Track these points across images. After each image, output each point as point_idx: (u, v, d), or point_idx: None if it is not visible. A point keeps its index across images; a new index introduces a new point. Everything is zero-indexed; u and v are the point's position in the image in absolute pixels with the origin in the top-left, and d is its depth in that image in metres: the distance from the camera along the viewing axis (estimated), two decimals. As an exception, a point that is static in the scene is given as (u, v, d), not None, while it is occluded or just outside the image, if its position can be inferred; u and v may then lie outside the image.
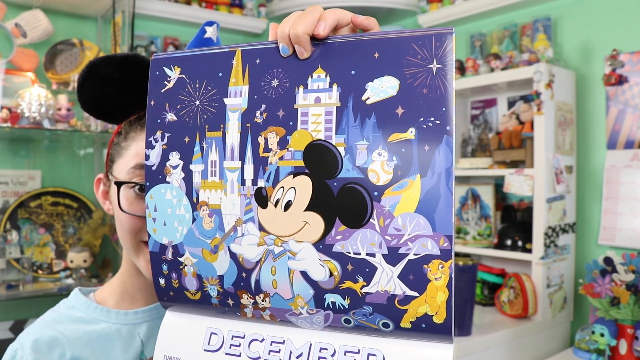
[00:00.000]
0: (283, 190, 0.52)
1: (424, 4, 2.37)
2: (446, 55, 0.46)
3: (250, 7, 2.47)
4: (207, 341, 0.58)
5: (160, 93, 0.59)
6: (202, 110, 0.56)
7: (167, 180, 0.58)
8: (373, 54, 0.49)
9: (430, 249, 0.47)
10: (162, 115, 0.58)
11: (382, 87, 0.48)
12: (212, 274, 0.56)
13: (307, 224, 0.51)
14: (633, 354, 1.55)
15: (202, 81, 0.56)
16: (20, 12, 1.96)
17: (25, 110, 1.83)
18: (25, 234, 1.97)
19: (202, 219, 0.56)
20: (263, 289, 0.54)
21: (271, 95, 0.53)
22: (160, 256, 0.59)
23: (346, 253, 0.50)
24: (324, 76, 0.51)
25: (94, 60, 0.71)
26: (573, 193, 1.93)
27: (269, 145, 0.53)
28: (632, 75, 1.81)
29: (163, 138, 0.58)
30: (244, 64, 0.54)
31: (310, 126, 0.51)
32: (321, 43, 0.52)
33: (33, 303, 1.96)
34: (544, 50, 1.86)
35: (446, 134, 0.46)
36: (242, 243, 0.54)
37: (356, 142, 0.49)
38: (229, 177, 0.54)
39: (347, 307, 0.51)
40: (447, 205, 0.46)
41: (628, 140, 1.82)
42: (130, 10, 1.95)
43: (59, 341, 0.72)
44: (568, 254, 1.91)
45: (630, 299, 1.55)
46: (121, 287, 0.80)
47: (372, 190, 0.48)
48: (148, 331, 0.76)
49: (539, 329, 1.81)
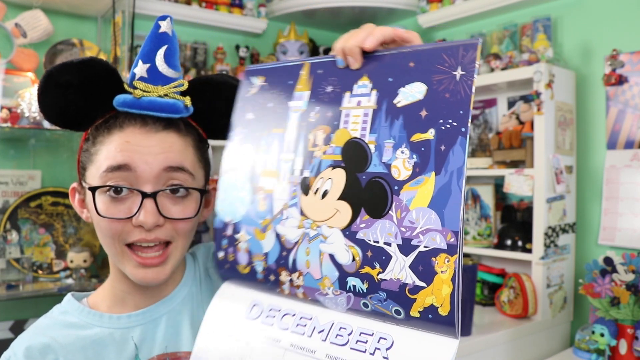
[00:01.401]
0: (322, 181, 0.59)
1: (424, 4, 2.37)
2: (470, 63, 0.50)
3: (250, 7, 2.47)
4: (249, 310, 0.65)
5: (245, 97, 0.70)
6: (272, 111, 0.66)
7: (235, 168, 0.69)
8: (408, 64, 0.55)
9: (438, 243, 0.50)
10: (244, 114, 0.69)
11: (412, 91, 0.53)
12: (259, 251, 0.64)
13: (338, 212, 0.57)
14: (633, 354, 1.55)
15: (277, 87, 0.66)
16: (20, 12, 1.96)
17: (26, 110, 1.83)
18: (25, 234, 1.97)
19: (258, 202, 0.65)
20: (298, 268, 0.60)
21: (324, 99, 0.61)
22: (222, 232, 0.69)
23: (367, 240, 0.55)
24: (367, 83, 0.58)
25: (51, 69, 0.68)
26: (573, 193, 1.93)
27: (316, 141, 0.60)
28: (632, 75, 1.81)
29: (240, 133, 0.69)
30: (309, 74, 0.63)
31: (350, 125, 0.58)
32: (370, 56, 0.58)
33: (33, 303, 1.96)
34: (544, 50, 1.86)
35: (461, 135, 0.50)
36: (286, 225, 0.62)
37: (384, 141, 0.54)
38: (283, 167, 0.63)
39: (365, 291, 0.55)
40: (456, 203, 0.49)
41: (628, 140, 1.82)
42: (130, 10, 1.95)
43: (51, 347, 0.72)
44: (568, 254, 1.91)
45: (630, 299, 1.55)
46: (112, 292, 0.79)
47: (393, 185, 0.53)
48: (141, 335, 0.75)
49: (539, 329, 1.81)
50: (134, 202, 0.69)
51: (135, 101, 0.70)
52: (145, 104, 0.70)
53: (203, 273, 0.84)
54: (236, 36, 2.54)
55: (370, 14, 2.55)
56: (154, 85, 0.71)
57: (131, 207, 0.69)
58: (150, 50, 0.71)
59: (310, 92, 0.63)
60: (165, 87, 0.71)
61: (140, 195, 0.68)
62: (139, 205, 0.68)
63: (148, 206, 0.68)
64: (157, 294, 0.79)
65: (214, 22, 2.38)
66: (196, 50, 2.42)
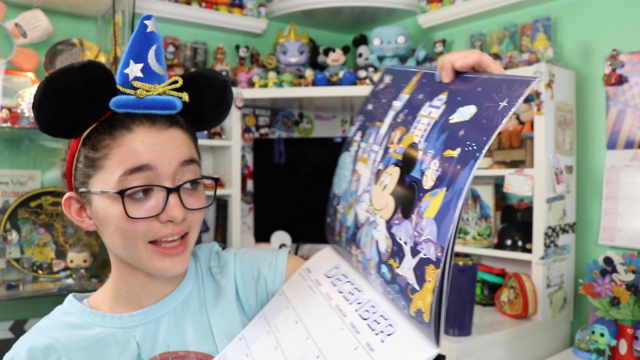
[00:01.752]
0: (386, 175, 0.65)
1: (423, 4, 2.37)
2: (515, 97, 0.52)
3: (250, 7, 2.47)
4: (330, 270, 0.77)
5: (375, 90, 0.79)
6: (381, 106, 0.74)
7: (349, 149, 0.79)
8: (477, 88, 0.58)
9: (431, 254, 0.54)
10: (367, 104, 0.78)
11: (465, 112, 0.57)
12: (345, 224, 0.75)
13: (387, 205, 0.63)
14: (633, 354, 1.55)
15: (393, 87, 0.74)
16: (20, 12, 1.96)
17: (25, 110, 1.83)
18: (25, 234, 1.97)
19: (352, 182, 0.75)
20: (360, 246, 0.69)
21: (413, 104, 0.67)
22: (331, 201, 0.82)
23: (395, 235, 0.60)
24: (444, 97, 0.62)
25: (52, 75, 0.67)
26: (573, 193, 1.93)
27: (394, 139, 0.67)
28: (632, 75, 1.81)
29: (360, 120, 0.79)
30: (417, 81, 0.69)
31: (415, 131, 0.63)
32: (460, 76, 0.63)
33: (33, 303, 1.96)
34: (544, 50, 1.86)
35: (474, 159, 0.52)
36: (360, 207, 0.70)
37: (428, 150, 0.59)
38: (371, 157, 0.71)
39: (389, 280, 0.61)
40: (449, 221, 0.52)
41: (628, 140, 1.82)
42: (130, 10, 1.95)
43: (54, 348, 0.72)
44: (568, 254, 1.91)
45: (630, 299, 1.55)
46: (114, 293, 0.79)
47: (420, 191, 0.58)
48: (143, 334, 0.76)
49: (539, 329, 1.81)
50: (157, 199, 0.70)
51: (139, 101, 0.70)
52: (149, 103, 0.71)
53: (205, 272, 0.84)
54: (236, 36, 2.54)
55: (370, 14, 2.55)
56: (150, 84, 0.71)
57: (156, 205, 0.70)
58: (141, 49, 0.71)
59: (409, 96, 0.69)
60: (161, 85, 0.72)
61: (165, 192, 0.70)
62: (165, 201, 0.70)
63: (173, 201, 0.70)
64: (161, 293, 0.79)
65: (214, 22, 2.38)
66: (196, 50, 2.42)
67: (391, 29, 2.34)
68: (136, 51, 0.71)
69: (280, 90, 2.29)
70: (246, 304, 0.83)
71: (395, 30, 2.33)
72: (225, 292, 0.82)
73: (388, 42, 2.33)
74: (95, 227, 0.75)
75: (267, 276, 0.85)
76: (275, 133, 2.70)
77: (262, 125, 2.66)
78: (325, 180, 2.84)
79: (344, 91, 2.27)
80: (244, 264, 0.86)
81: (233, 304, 0.81)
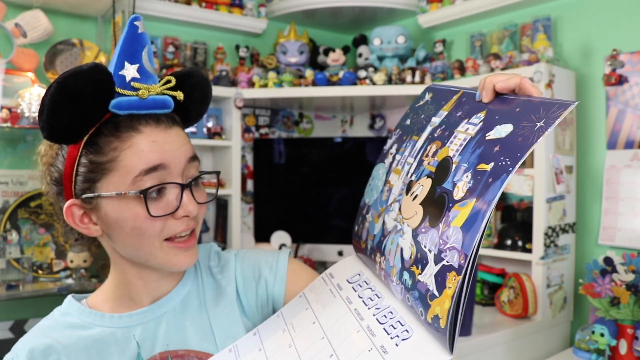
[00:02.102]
0: (418, 186, 0.67)
1: (423, 4, 2.37)
2: (553, 119, 0.54)
3: (250, 7, 2.46)
4: (352, 276, 0.79)
5: (414, 106, 0.81)
6: (419, 122, 0.76)
7: (384, 161, 0.82)
8: (516, 109, 0.60)
9: (454, 261, 0.55)
10: (406, 119, 0.81)
11: (501, 129, 0.59)
12: (372, 232, 0.77)
13: (416, 214, 0.65)
14: (633, 354, 1.55)
15: (433, 104, 0.76)
16: (20, 12, 1.96)
17: (25, 110, 1.83)
18: (25, 234, 1.97)
19: (384, 192, 0.77)
20: (385, 253, 0.71)
21: (451, 121, 0.69)
22: (361, 210, 0.84)
23: (421, 243, 0.62)
24: (482, 116, 0.64)
25: (62, 79, 0.65)
26: (573, 193, 1.93)
27: (429, 152, 0.69)
28: (632, 75, 1.81)
29: (397, 133, 0.81)
30: (457, 99, 0.72)
31: (451, 145, 0.65)
32: (499, 97, 0.65)
33: (33, 303, 1.96)
34: (544, 50, 1.86)
35: (506, 173, 0.54)
36: (389, 215, 0.72)
37: (462, 164, 0.61)
38: (405, 169, 0.73)
39: (410, 286, 0.62)
40: (476, 230, 0.54)
41: (628, 140, 1.82)
42: (130, 10, 1.95)
43: (53, 348, 0.72)
44: (568, 254, 1.91)
45: (630, 299, 1.55)
46: (114, 293, 0.79)
47: (450, 202, 0.59)
48: (143, 333, 0.76)
49: (539, 329, 1.81)
50: (171, 196, 0.71)
51: (141, 102, 0.71)
52: (150, 103, 0.72)
53: (204, 271, 0.85)
54: (236, 36, 2.54)
55: (370, 14, 2.55)
56: (147, 84, 0.72)
57: (172, 202, 0.71)
58: (135, 50, 0.71)
59: (447, 113, 0.71)
60: (158, 85, 0.73)
61: (179, 188, 0.72)
62: (180, 197, 0.71)
63: (187, 197, 0.72)
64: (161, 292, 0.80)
65: (213, 22, 2.38)
66: (196, 50, 2.42)
67: (391, 29, 2.34)
68: (130, 52, 0.71)
69: (280, 90, 2.29)
70: (246, 304, 0.83)
71: (396, 30, 2.33)
72: (226, 291, 0.83)
73: (388, 42, 2.32)
74: (101, 232, 0.74)
75: (267, 277, 0.85)
76: (275, 133, 2.70)
77: (262, 125, 2.66)
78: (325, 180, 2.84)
79: (344, 91, 2.27)
80: (244, 264, 0.86)
81: (233, 304, 0.82)
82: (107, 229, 0.73)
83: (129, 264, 0.77)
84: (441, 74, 2.20)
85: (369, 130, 2.79)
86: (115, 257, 0.78)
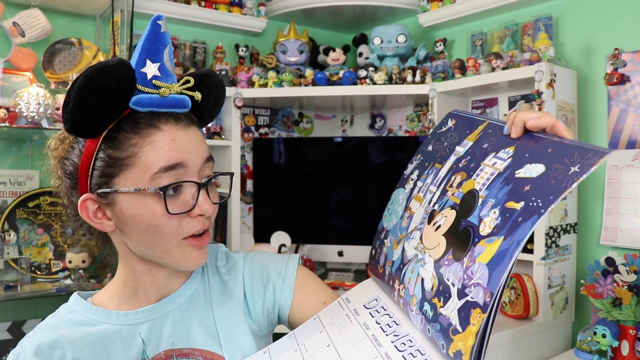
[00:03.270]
0: (441, 216, 0.67)
1: (424, 3, 2.36)
2: (588, 166, 0.54)
3: (250, 6, 2.46)
4: (369, 301, 0.79)
5: (436, 132, 0.81)
6: (443, 149, 0.76)
7: (404, 186, 0.81)
8: (547, 149, 0.60)
9: (479, 298, 0.55)
10: (427, 145, 0.80)
11: (533, 169, 0.59)
12: (391, 258, 0.76)
13: (439, 245, 0.65)
14: (635, 355, 1.55)
15: (457, 132, 0.76)
16: (18, 11, 1.95)
17: (24, 110, 1.82)
18: (24, 234, 1.96)
19: (404, 219, 0.77)
20: (404, 282, 0.70)
21: (476, 152, 0.69)
22: (379, 234, 0.83)
23: (443, 275, 0.61)
24: (511, 152, 0.64)
25: (89, 73, 0.66)
26: (574, 193, 1.92)
27: (453, 183, 0.69)
28: (634, 75, 1.80)
29: (419, 159, 0.81)
30: (482, 130, 0.72)
31: (478, 178, 0.65)
32: (528, 133, 0.65)
33: (31, 304, 1.95)
34: (545, 49, 1.85)
35: (538, 214, 0.54)
36: (409, 243, 0.72)
37: (489, 198, 0.61)
38: (427, 197, 0.73)
39: (431, 318, 0.62)
40: (503, 268, 0.54)
41: (630, 140, 1.81)
42: (129, 10, 1.94)
43: (59, 343, 0.73)
44: (569, 255, 1.90)
45: (632, 299, 1.55)
46: (121, 291, 0.80)
47: (475, 237, 0.59)
48: (149, 331, 0.77)
49: (540, 330, 1.80)
50: (187, 195, 0.72)
51: (163, 100, 0.72)
52: (171, 102, 0.72)
53: (211, 271, 0.85)
54: (236, 35, 2.53)
55: (370, 13, 2.54)
56: (167, 83, 0.73)
57: (189, 200, 0.72)
58: (157, 49, 0.72)
59: (473, 143, 0.71)
60: (176, 84, 0.74)
61: (196, 187, 0.72)
62: (197, 196, 0.72)
63: (203, 196, 0.73)
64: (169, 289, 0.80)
65: (213, 21, 2.37)
66: (195, 50, 2.41)
67: (391, 28, 2.33)
68: (152, 51, 0.72)
69: (280, 90, 2.28)
70: (252, 307, 0.84)
71: (396, 29, 2.32)
72: (233, 293, 0.83)
73: (388, 42, 2.32)
74: (114, 227, 0.75)
75: (276, 283, 0.85)
76: (275, 133, 2.69)
77: (262, 125, 2.65)
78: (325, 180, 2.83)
79: (344, 91, 2.26)
80: (253, 267, 0.87)
81: (240, 306, 0.82)
82: (122, 224, 0.73)
83: (138, 260, 0.77)
84: (442, 74, 2.19)
85: (369, 130, 2.79)
86: (125, 253, 0.78)
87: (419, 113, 2.55)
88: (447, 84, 2.14)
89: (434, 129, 0.82)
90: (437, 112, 2.16)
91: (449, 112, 0.82)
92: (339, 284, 2.20)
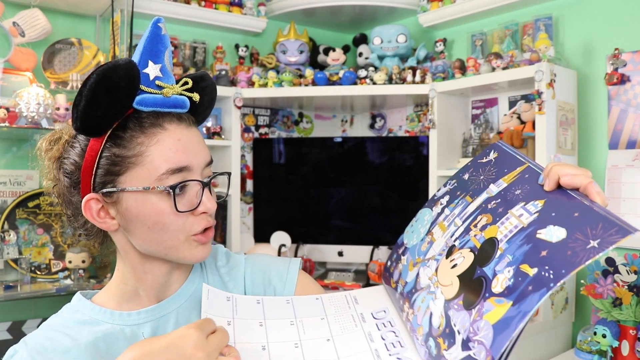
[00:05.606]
0: (459, 255, 0.67)
1: (424, 3, 2.36)
2: (608, 243, 0.52)
3: (250, 6, 2.45)
4: (378, 311, 0.79)
5: (477, 162, 0.80)
6: (477, 182, 0.76)
7: (432, 208, 0.81)
8: (574, 212, 0.59)
9: (481, 357, 0.56)
10: (465, 172, 0.81)
11: (554, 232, 0.58)
12: (405, 278, 0.77)
13: (452, 285, 0.65)
14: (635, 355, 1.55)
15: (496, 168, 0.75)
16: (18, 11, 1.95)
17: (24, 110, 1.82)
18: (24, 234, 1.96)
19: (424, 242, 0.77)
20: (414, 308, 0.71)
21: (507, 197, 0.68)
22: (398, 248, 0.83)
23: (451, 319, 0.62)
24: (540, 205, 0.63)
25: (102, 72, 0.67)
26: (574, 193, 1.92)
27: (478, 224, 0.69)
28: (634, 75, 1.80)
29: (453, 184, 0.81)
30: (520, 172, 0.71)
31: (501, 227, 0.64)
32: (562, 189, 0.63)
33: (31, 304, 1.94)
34: (545, 49, 1.85)
35: (547, 288, 0.54)
36: (425, 271, 0.73)
37: (507, 254, 0.60)
38: (451, 229, 0.73)
39: (434, 356, 0.63)
40: (507, 336, 0.54)
41: (630, 140, 1.81)
42: (129, 9, 1.94)
43: (63, 342, 0.73)
44: (569, 255, 1.90)
45: (632, 299, 1.54)
46: (122, 290, 0.80)
47: (487, 291, 0.59)
48: (152, 331, 0.77)
49: (541, 330, 1.80)
50: (192, 193, 0.74)
51: (165, 100, 0.73)
52: (172, 102, 0.74)
53: (210, 271, 0.86)
54: (236, 35, 2.53)
55: (370, 13, 2.54)
56: (169, 84, 0.74)
57: (192, 199, 0.74)
58: (158, 51, 0.74)
59: (507, 186, 0.71)
60: (177, 85, 0.75)
61: (200, 186, 0.74)
62: (201, 195, 0.74)
63: (206, 195, 0.74)
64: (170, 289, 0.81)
65: (213, 21, 2.37)
66: (195, 50, 2.41)
67: (392, 28, 2.32)
68: (154, 52, 0.73)
69: (280, 90, 2.28)
70: None
71: (396, 29, 2.32)
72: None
73: (388, 42, 2.32)
74: (117, 226, 0.75)
75: (276, 286, 0.86)
76: (275, 133, 2.69)
77: (262, 125, 2.65)
78: (325, 180, 2.83)
79: (344, 91, 2.26)
80: (255, 269, 0.87)
81: None
82: (126, 223, 0.74)
83: (138, 258, 0.78)
84: (442, 74, 2.19)
85: (370, 130, 2.78)
86: (125, 251, 0.78)
87: (419, 113, 2.55)
88: (447, 84, 2.14)
89: (475, 157, 0.81)
90: (437, 112, 2.16)
91: (494, 143, 0.81)
92: (339, 284, 2.20)
